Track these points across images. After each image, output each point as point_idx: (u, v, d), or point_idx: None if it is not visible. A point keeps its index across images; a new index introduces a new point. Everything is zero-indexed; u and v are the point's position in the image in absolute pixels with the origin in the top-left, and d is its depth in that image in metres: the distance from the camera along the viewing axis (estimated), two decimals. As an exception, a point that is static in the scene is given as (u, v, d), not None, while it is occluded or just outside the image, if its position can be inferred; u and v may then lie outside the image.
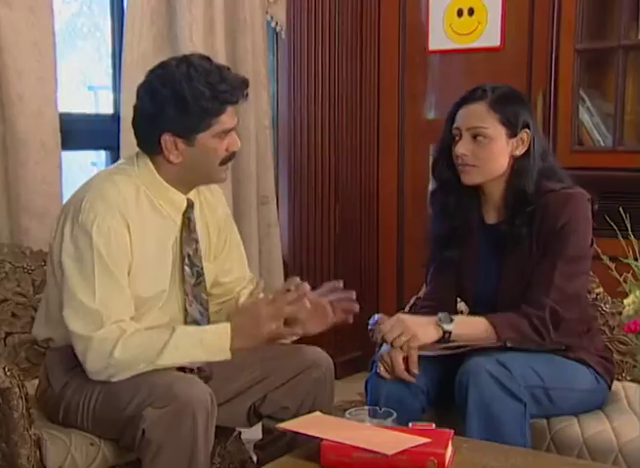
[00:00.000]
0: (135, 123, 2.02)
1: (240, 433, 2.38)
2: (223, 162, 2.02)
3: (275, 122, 3.73)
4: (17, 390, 1.87)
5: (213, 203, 2.19)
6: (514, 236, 2.13)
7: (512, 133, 2.13)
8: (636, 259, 1.69)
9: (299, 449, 1.80)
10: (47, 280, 2.09)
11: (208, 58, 2.01)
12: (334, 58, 3.80)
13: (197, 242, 2.09)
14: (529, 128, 2.14)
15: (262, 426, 2.18)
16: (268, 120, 3.52)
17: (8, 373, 1.87)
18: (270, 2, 3.51)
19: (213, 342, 1.92)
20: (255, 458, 2.30)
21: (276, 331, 1.94)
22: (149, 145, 2.00)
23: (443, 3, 3.74)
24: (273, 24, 3.58)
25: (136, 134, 2.03)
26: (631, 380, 2.38)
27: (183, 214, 2.06)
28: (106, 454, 1.98)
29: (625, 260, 1.70)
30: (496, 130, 2.12)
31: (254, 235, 3.46)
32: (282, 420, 1.93)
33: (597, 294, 2.46)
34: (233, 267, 2.25)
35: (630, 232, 1.72)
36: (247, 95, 2.02)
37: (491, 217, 2.23)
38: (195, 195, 2.11)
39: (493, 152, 2.12)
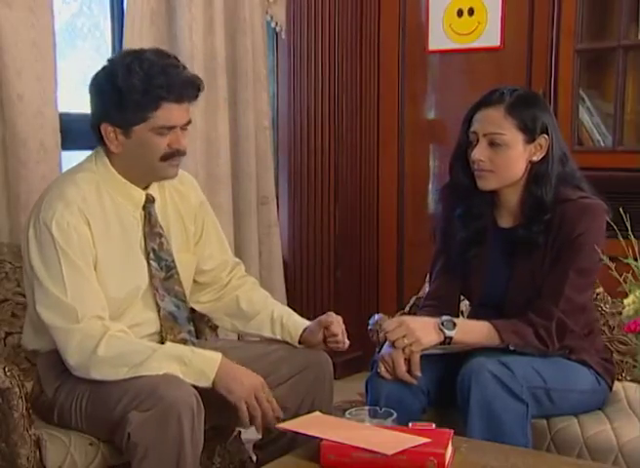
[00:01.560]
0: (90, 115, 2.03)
1: (240, 433, 2.38)
2: (165, 158, 2.00)
3: (275, 122, 3.73)
4: (17, 390, 1.87)
5: (184, 193, 2.19)
6: (530, 242, 2.11)
7: (530, 138, 2.10)
8: (636, 259, 1.69)
9: (299, 449, 1.80)
10: (25, 289, 2.07)
11: (163, 54, 2.00)
12: (334, 58, 3.80)
13: (161, 236, 2.09)
14: (547, 133, 2.11)
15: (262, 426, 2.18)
16: (268, 120, 3.52)
17: (8, 374, 1.87)
18: (270, 2, 3.51)
19: (198, 366, 1.91)
20: (255, 458, 2.30)
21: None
22: (96, 136, 2.01)
23: (443, 3, 3.74)
24: (273, 24, 3.58)
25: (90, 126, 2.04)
26: (631, 380, 2.38)
27: (144, 209, 2.06)
28: (105, 454, 1.98)
29: (625, 260, 1.69)
30: (513, 136, 2.09)
31: (254, 235, 3.46)
32: (282, 420, 1.93)
33: (597, 294, 2.45)
34: (213, 253, 2.25)
35: (630, 232, 1.71)
36: (196, 96, 2.00)
37: (505, 221, 2.21)
38: (161, 189, 2.11)
39: (510, 158, 2.10)
